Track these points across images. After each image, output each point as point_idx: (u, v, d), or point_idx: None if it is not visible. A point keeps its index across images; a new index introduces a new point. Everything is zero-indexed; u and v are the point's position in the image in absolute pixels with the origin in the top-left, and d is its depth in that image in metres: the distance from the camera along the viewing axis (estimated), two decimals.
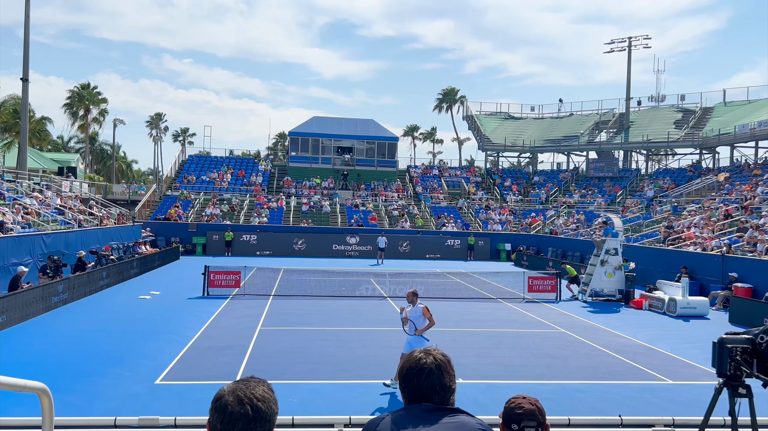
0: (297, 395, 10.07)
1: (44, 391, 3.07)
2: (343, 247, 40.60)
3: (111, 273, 23.65)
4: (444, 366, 2.40)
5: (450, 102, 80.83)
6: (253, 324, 16.60)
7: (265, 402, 1.92)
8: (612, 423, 4.34)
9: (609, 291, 23.55)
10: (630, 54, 54.55)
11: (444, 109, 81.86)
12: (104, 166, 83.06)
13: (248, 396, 1.90)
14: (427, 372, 2.36)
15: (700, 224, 30.74)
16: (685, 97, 54.45)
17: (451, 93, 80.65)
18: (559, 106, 62.02)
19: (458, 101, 79.35)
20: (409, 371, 2.39)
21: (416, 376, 2.37)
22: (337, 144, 54.18)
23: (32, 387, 2.94)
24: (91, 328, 15.57)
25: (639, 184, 48.34)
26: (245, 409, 1.88)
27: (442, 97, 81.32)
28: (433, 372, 2.36)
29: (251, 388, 1.93)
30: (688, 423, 4.33)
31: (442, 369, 2.38)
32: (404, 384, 2.41)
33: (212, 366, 12.12)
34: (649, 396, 10.82)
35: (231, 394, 1.92)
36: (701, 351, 14.63)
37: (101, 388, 10.38)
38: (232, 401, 1.89)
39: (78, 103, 69.44)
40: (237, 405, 1.88)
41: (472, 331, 16.67)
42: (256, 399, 1.90)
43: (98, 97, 70.95)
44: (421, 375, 2.36)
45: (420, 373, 2.36)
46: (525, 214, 47.87)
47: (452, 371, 2.42)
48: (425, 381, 2.35)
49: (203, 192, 47.55)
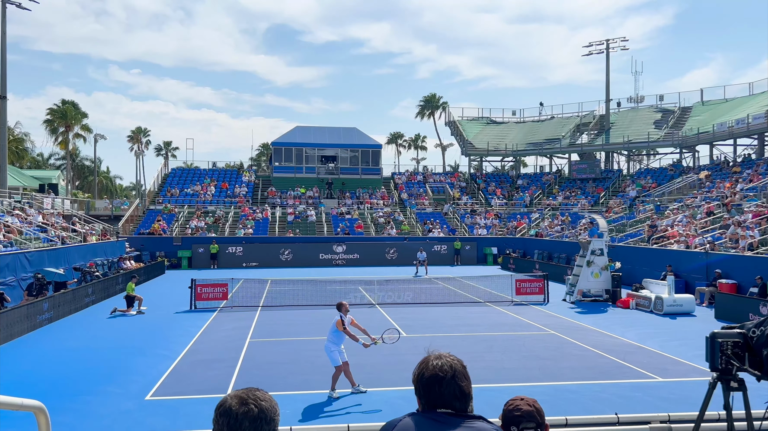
0: (290, 406, 10.01)
1: (41, 410, 3.04)
2: (330, 256, 40.51)
3: (96, 290, 23.40)
4: (462, 371, 2.38)
5: (432, 108, 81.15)
6: (243, 337, 16.50)
7: (268, 402, 2.00)
8: (609, 422, 4.37)
9: (596, 292, 23.70)
10: (608, 56, 55.17)
11: (426, 116, 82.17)
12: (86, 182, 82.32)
13: (251, 397, 1.98)
14: (446, 379, 2.33)
15: (683, 222, 31.09)
16: (663, 97, 55.19)
17: (432, 99, 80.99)
18: (540, 110, 62.55)
19: (440, 107, 79.73)
20: (430, 379, 2.35)
21: (437, 383, 2.33)
22: (321, 153, 54.16)
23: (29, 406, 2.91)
24: (79, 346, 15.39)
25: (621, 185, 48.82)
26: (249, 408, 1.94)
27: (424, 104, 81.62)
28: (452, 380, 2.33)
29: (252, 391, 2.01)
30: (684, 419, 4.38)
31: (461, 375, 2.36)
32: (423, 392, 2.37)
33: (203, 380, 12.03)
34: (641, 395, 10.90)
35: (233, 398, 1.99)
36: (689, 348, 14.77)
37: (92, 406, 10.25)
38: (236, 403, 1.96)
39: (59, 119, 68.74)
40: (241, 406, 1.95)
41: (462, 336, 16.69)
42: (259, 399, 1.98)
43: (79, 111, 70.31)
44: (442, 383, 2.32)
45: (440, 380, 2.33)
46: (510, 217, 48.11)
47: (468, 376, 2.40)
48: (446, 388, 2.32)
49: (187, 205, 47.24)
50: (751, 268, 21.38)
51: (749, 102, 46.14)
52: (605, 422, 4.37)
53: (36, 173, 61.63)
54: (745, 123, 40.85)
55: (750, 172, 36.34)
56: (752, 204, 29.13)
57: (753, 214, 27.02)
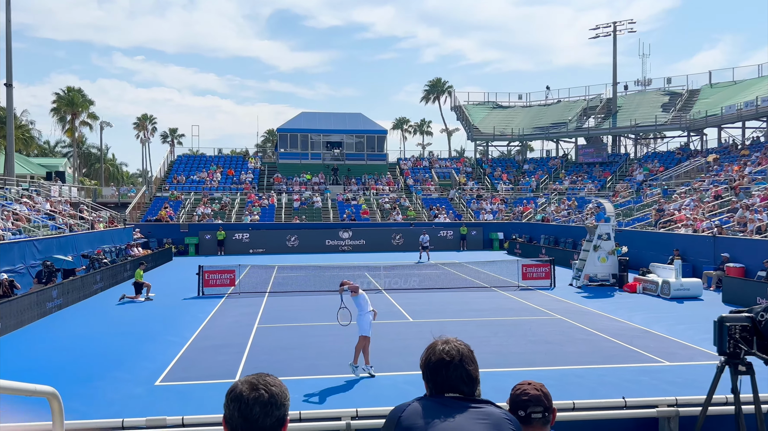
0: (298, 391, 10.09)
1: (54, 395, 3.08)
2: (336, 242, 40.57)
3: (105, 277, 23.55)
4: (469, 356, 2.39)
5: (437, 93, 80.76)
6: (250, 322, 16.59)
7: (279, 387, 2.02)
8: (616, 406, 4.38)
9: (603, 276, 23.68)
10: (615, 39, 54.69)
11: (431, 100, 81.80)
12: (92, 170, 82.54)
13: (261, 383, 2.00)
14: (454, 364, 2.35)
15: (691, 206, 30.95)
16: (671, 80, 54.70)
17: (437, 84, 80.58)
18: (547, 94, 62.18)
19: (445, 92, 79.31)
20: (438, 363, 2.37)
21: (445, 367, 2.35)
22: (326, 139, 54.07)
23: (42, 392, 2.95)
24: (88, 332, 15.51)
25: (628, 169, 48.58)
26: (260, 393, 1.96)
27: (429, 88, 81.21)
28: (459, 364, 2.35)
29: (262, 377, 2.03)
30: (691, 403, 4.38)
31: (469, 360, 2.38)
32: (430, 376, 2.39)
33: (211, 365, 12.12)
34: (647, 379, 10.92)
35: (244, 383, 2.01)
36: (697, 331, 14.77)
37: (102, 392, 10.36)
38: (247, 389, 1.98)
39: (66, 107, 68.77)
40: (252, 391, 1.97)
41: (468, 321, 16.73)
42: (269, 385, 2.00)
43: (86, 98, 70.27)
44: (449, 367, 2.34)
45: (448, 365, 2.35)
46: (516, 202, 48.01)
47: (476, 361, 2.42)
48: (453, 372, 2.34)
49: (193, 192, 47.36)
50: (759, 252, 21.30)
51: (758, 84, 45.70)
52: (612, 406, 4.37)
53: (43, 161, 61.89)
54: (754, 105, 40.48)
55: (758, 155, 36.07)
56: (760, 187, 28.95)
57: (761, 198, 26.87)
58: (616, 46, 54.93)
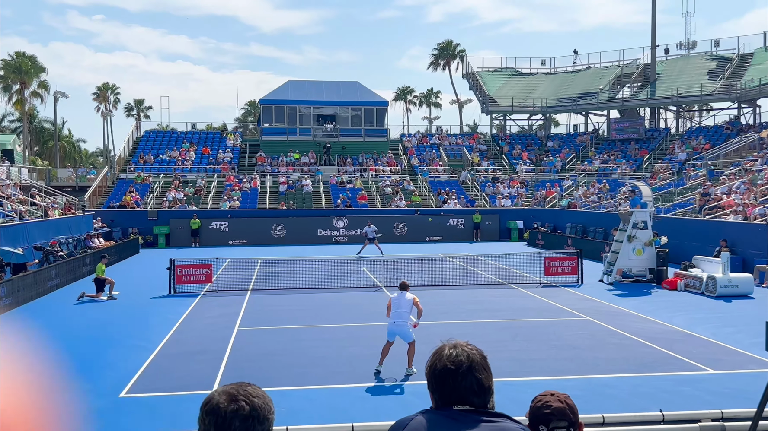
0: (286, 403, 10.14)
1: None
2: (330, 232, 40.62)
3: (61, 272, 23.60)
4: (481, 362, 2.39)
5: (447, 58, 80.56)
6: (230, 325, 16.64)
7: (261, 398, 2.01)
8: (652, 420, 4.41)
9: (638, 271, 23.72)
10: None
11: (441, 67, 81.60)
12: (45, 148, 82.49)
13: (242, 393, 1.99)
14: (463, 371, 2.35)
15: (741, 189, 30.95)
16: (719, 42, 54.43)
17: (448, 47, 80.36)
18: (574, 59, 61.98)
19: (457, 57, 79.13)
20: (444, 371, 2.37)
21: (452, 376, 2.35)
22: (317, 112, 53.98)
23: None
24: (41, 336, 15.55)
25: (669, 146, 48.52)
26: (240, 406, 1.96)
27: (438, 53, 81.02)
28: (469, 371, 2.35)
29: (243, 387, 2.03)
30: (739, 416, 4.40)
31: (480, 367, 2.38)
32: (436, 386, 2.39)
33: (185, 374, 12.18)
34: (689, 389, 10.97)
35: (221, 394, 2.00)
36: (747, 335, 14.80)
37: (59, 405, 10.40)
38: (225, 400, 1.97)
39: (13, 75, 68.54)
40: (231, 403, 1.96)
41: (482, 323, 16.79)
42: (251, 396, 1.99)
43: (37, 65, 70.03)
44: (457, 375, 2.34)
45: (455, 373, 2.35)
46: (538, 185, 48.01)
47: (489, 368, 2.42)
48: (461, 381, 2.34)
49: (163, 174, 47.34)
50: None
51: None
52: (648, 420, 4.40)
53: None
54: None
55: None
56: None
57: None
58: (655, 3, 54.53)
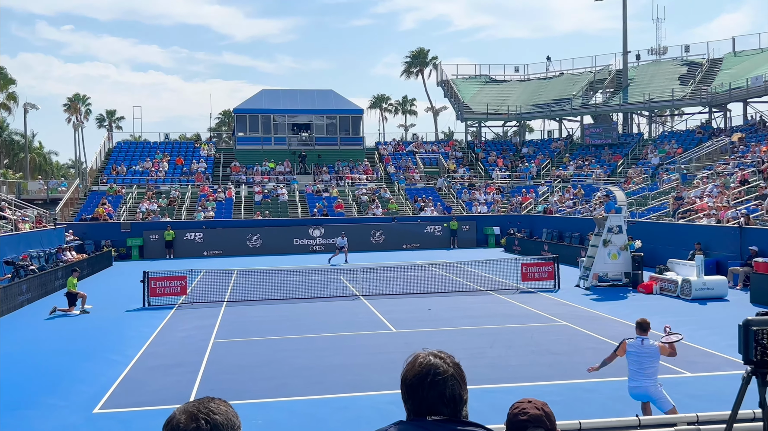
0: (263, 415, 10.09)
1: None
2: (306, 241, 40.50)
3: (32, 287, 23.28)
4: (453, 372, 2.38)
5: (420, 65, 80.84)
6: (206, 337, 16.52)
7: (224, 415, 1.97)
8: (629, 425, 4.44)
9: (614, 275, 23.93)
10: (625, 0, 55.04)
11: (414, 75, 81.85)
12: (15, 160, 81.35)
13: (202, 411, 1.96)
14: (433, 380, 2.33)
15: (714, 193, 31.36)
16: (689, 47, 55.24)
17: (420, 55, 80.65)
18: (547, 65, 62.54)
19: (430, 64, 79.44)
20: (414, 379, 2.36)
21: (421, 385, 2.34)
22: (292, 120, 53.88)
23: None
24: (14, 351, 15.32)
25: (642, 151, 49.08)
26: (200, 424, 1.92)
27: (411, 61, 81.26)
28: (441, 380, 2.34)
29: (205, 404, 2.00)
30: (714, 419, 4.45)
31: (452, 376, 2.36)
32: (408, 395, 2.39)
33: (160, 388, 12.07)
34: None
35: (182, 413, 1.97)
36: (722, 337, 14.97)
37: (32, 421, 10.29)
38: (185, 419, 1.95)
39: None
40: (191, 422, 1.93)
41: (461, 329, 16.82)
42: (212, 412, 1.96)
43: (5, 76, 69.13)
44: (425, 383, 2.33)
45: (425, 382, 2.34)
46: (514, 191, 48.28)
47: (463, 377, 2.42)
48: (432, 390, 2.33)
49: (136, 185, 46.95)
50: None
51: None
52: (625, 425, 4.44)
53: None
54: None
55: None
56: None
57: None
58: (626, 9, 55.22)
